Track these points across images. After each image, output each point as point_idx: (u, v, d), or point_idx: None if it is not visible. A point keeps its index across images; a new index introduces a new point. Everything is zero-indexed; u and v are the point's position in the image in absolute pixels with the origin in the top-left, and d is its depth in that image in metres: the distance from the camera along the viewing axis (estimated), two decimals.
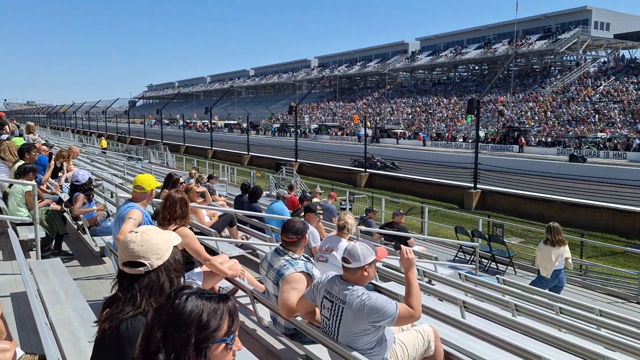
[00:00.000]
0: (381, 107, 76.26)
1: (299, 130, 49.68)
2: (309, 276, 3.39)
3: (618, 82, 51.04)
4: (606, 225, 18.52)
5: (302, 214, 6.33)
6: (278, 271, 3.45)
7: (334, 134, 67.27)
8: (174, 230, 3.82)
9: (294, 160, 34.63)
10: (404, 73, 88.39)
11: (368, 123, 63.48)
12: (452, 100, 66.00)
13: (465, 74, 79.53)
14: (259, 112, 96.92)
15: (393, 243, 9.41)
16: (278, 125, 79.54)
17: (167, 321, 1.39)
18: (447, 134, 54.79)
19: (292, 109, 41.35)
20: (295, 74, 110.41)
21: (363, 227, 9.60)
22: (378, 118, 70.74)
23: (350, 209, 18.07)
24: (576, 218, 19.27)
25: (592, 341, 4.66)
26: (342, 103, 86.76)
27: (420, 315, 2.95)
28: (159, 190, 6.24)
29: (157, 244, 1.88)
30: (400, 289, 5.70)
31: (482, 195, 23.10)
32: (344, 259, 2.98)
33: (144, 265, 1.84)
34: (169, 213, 3.88)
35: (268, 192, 20.02)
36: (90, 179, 6.61)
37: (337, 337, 2.95)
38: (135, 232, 1.91)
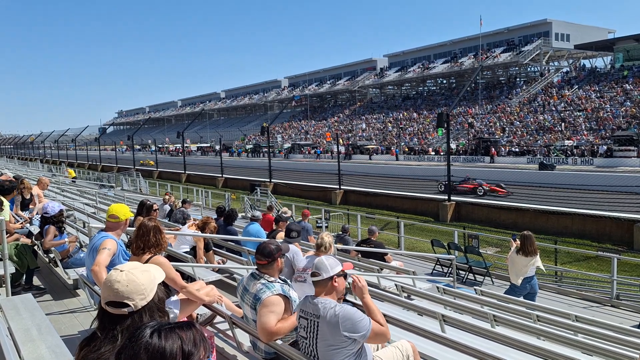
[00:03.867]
0: (353, 123, 76.96)
1: (272, 151, 49.68)
2: (286, 298, 3.39)
3: (581, 90, 52.75)
4: (578, 231, 18.95)
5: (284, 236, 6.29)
6: (255, 295, 3.43)
7: (307, 152, 67.47)
8: (149, 259, 3.78)
9: (268, 180, 34.55)
10: (374, 89, 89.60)
11: (340, 140, 64.00)
12: (422, 114, 67.08)
13: (434, 88, 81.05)
14: (231, 134, 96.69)
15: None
16: (251, 146, 79.50)
17: None
18: (419, 148, 55.58)
19: (264, 130, 41.40)
20: (266, 94, 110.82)
21: (340, 245, 9.60)
22: (350, 135, 71.31)
23: (326, 227, 18.08)
24: (549, 225, 19.68)
25: (569, 347, 4.74)
26: (313, 121, 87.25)
27: (390, 335, 3.02)
28: (132, 219, 6.15)
29: (142, 284, 1.83)
30: (379, 306, 5.72)
31: (456, 207, 23.40)
32: (312, 274, 3.06)
33: (128, 305, 1.80)
34: (142, 242, 3.83)
35: (243, 214, 19.89)
36: (61, 210, 6.47)
37: (317, 355, 2.97)
38: (121, 271, 1.86)
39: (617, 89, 49.28)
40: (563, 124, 47.83)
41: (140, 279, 1.85)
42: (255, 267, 3.69)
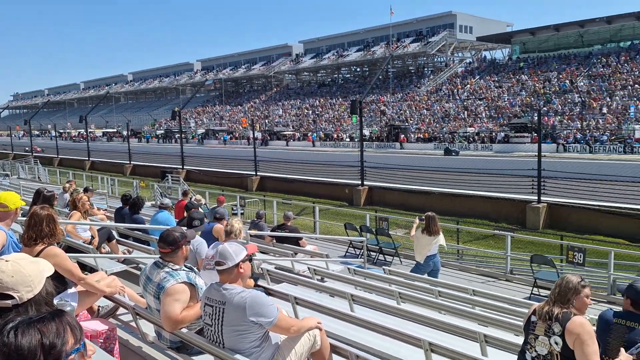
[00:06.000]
0: (269, 109, 76.50)
1: (185, 136, 48.17)
2: (192, 286, 3.33)
3: (482, 80, 56.11)
4: (479, 212, 20.21)
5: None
6: (158, 284, 3.32)
7: (221, 138, 66.23)
8: (42, 249, 3.53)
9: (181, 167, 33.50)
10: (290, 75, 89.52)
11: (257, 126, 63.40)
12: (338, 101, 68.11)
13: (348, 75, 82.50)
14: (140, 119, 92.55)
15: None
16: (162, 131, 76.65)
17: None
18: (334, 135, 56.53)
19: (175, 114, 39.97)
20: (177, 77, 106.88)
21: (254, 232, 9.56)
22: (267, 121, 70.88)
23: (242, 214, 17.92)
24: (454, 207, 20.82)
25: (467, 319, 5.08)
26: (228, 107, 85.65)
27: (296, 332, 3.11)
28: (26, 208, 5.71)
29: (29, 275, 1.73)
30: (292, 290, 5.78)
31: (369, 192, 24.09)
32: (217, 263, 3.03)
33: (12, 297, 1.69)
34: (34, 232, 3.57)
35: (154, 202, 19.18)
36: None
37: (223, 342, 2.96)
38: (6, 261, 1.75)
39: (513, 79, 52.97)
40: (466, 112, 50.71)
41: (27, 270, 1.74)
42: (159, 256, 3.58)
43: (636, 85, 42.00)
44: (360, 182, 24.11)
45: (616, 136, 36.29)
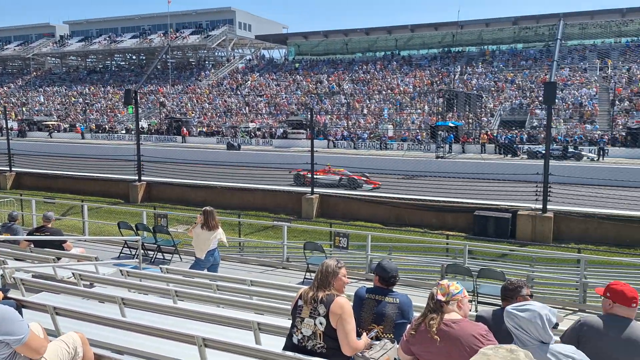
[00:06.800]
0: (27, 96, 66.71)
1: None
2: None
3: (262, 78, 58.35)
4: (260, 205, 21.02)
5: None
6: None
7: None
8: None
9: None
10: (53, 59, 79.38)
11: (13, 114, 54.81)
12: (111, 90, 63.10)
13: (123, 63, 77.01)
14: None
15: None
16: None
17: None
18: (108, 126, 52.33)
19: None
20: None
21: (6, 236, 8.24)
22: (24, 109, 61.73)
23: None
24: (234, 201, 21.25)
25: (244, 310, 5.23)
26: None
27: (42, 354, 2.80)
28: None
29: None
30: (53, 299, 5.15)
31: (147, 187, 22.97)
32: None
33: None
34: None
35: None
36: None
37: None
38: None
39: (290, 79, 56.42)
40: (247, 107, 52.16)
41: None
42: None
43: (389, 91, 48.79)
44: (137, 178, 22.80)
45: (374, 134, 41.70)
